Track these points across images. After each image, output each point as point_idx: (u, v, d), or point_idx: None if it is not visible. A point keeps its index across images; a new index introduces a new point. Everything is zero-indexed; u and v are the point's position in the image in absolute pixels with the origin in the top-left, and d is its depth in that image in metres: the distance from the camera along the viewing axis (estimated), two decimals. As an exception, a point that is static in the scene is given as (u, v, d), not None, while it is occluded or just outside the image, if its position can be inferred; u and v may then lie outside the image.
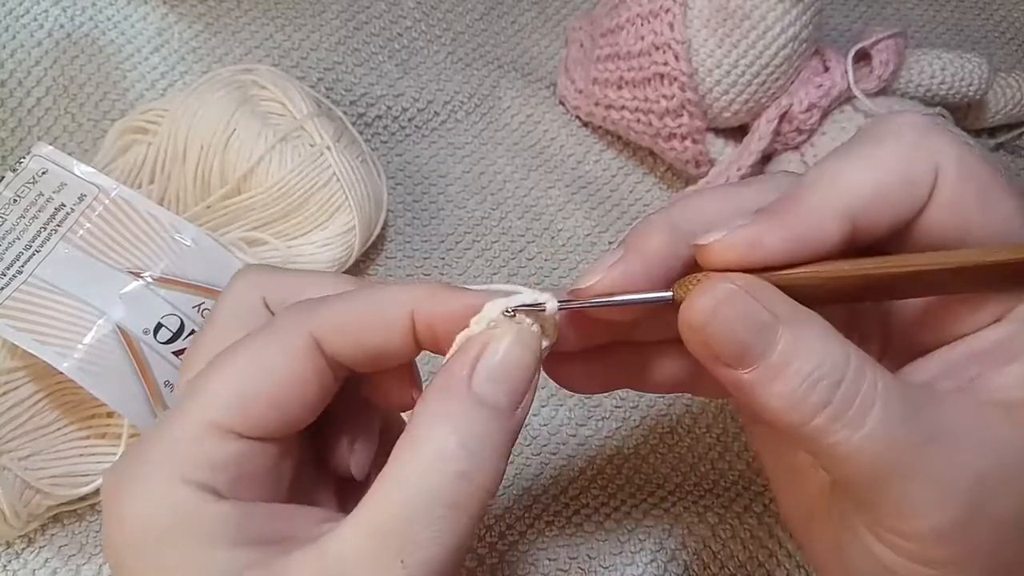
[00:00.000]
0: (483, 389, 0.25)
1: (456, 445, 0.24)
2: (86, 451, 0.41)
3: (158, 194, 0.44)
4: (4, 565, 0.41)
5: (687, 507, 0.45)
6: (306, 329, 0.26)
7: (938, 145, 0.26)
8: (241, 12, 0.56)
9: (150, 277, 0.40)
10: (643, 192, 0.56)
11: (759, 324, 0.24)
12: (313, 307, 0.27)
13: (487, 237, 0.52)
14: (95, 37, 0.53)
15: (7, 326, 0.38)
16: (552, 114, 0.57)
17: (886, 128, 0.27)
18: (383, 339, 0.27)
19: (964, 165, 0.26)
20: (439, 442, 0.24)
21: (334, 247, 0.46)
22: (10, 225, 0.40)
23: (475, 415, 0.24)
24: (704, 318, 0.25)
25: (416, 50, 0.57)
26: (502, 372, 0.25)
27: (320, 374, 0.26)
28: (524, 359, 0.26)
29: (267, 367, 0.26)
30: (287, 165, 0.44)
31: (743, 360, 0.24)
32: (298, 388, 0.26)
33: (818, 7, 0.48)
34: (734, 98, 0.49)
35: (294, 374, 0.26)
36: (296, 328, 0.26)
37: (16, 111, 0.51)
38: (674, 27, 0.48)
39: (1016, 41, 0.66)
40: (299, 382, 0.26)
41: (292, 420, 0.26)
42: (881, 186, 0.25)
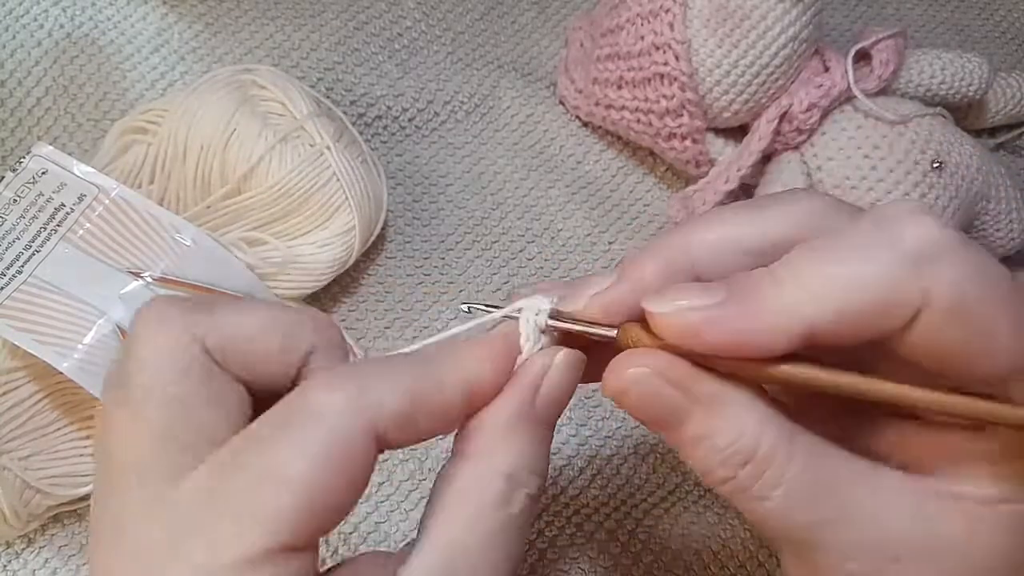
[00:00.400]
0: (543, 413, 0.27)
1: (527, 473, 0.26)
2: (86, 451, 0.41)
3: (158, 194, 0.44)
4: (4, 565, 0.41)
5: (687, 507, 0.45)
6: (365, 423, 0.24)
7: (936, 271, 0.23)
8: (241, 12, 0.56)
9: (150, 277, 0.40)
10: (643, 192, 0.56)
11: (666, 406, 0.25)
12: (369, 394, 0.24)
13: (487, 237, 0.52)
14: (95, 37, 0.53)
15: (7, 326, 0.38)
16: (552, 114, 0.57)
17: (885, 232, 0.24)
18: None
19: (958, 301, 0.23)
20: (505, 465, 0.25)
21: (334, 247, 0.46)
22: (10, 225, 0.40)
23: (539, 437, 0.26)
24: (617, 396, 0.26)
25: (416, 50, 0.57)
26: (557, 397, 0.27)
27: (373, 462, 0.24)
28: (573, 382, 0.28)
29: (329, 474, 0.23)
30: (287, 165, 0.44)
31: (659, 429, 0.26)
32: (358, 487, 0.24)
33: (818, 7, 0.48)
34: (734, 98, 0.49)
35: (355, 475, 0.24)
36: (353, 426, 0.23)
37: (16, 111, 0.51)
38: (674, 27, 0.48)
39: (1016, 41, 0.66)
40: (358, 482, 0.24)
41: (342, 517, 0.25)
42: (851, 305, 0.23)
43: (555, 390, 0.27)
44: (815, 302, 0.23)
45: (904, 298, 0.23)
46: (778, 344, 0.24)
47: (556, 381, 0.27)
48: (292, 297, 0.46)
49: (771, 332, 0.24)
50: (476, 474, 0.25)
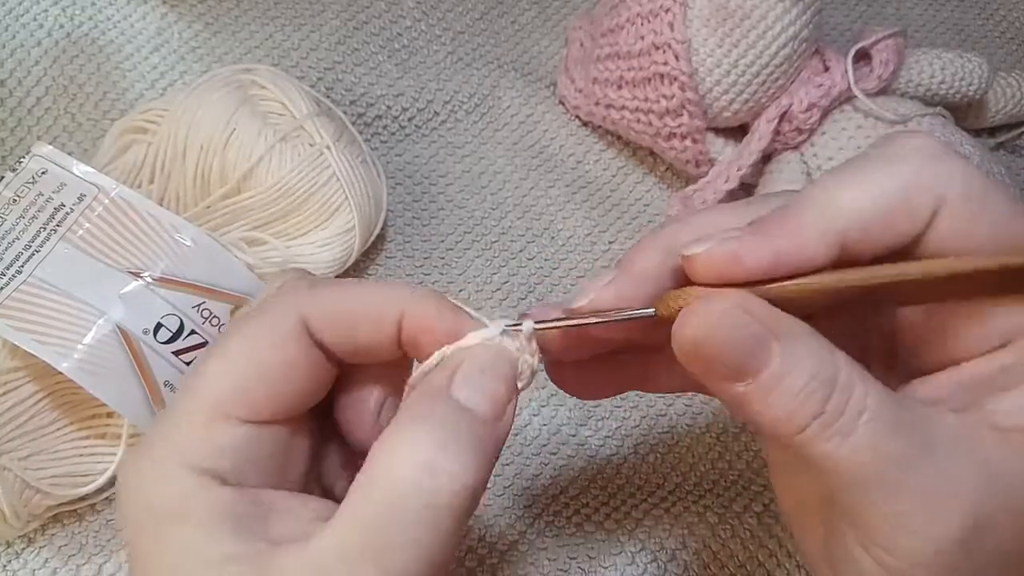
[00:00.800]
0: (461, 394, 0.25)
1: (432, 445, 0.24)
2: (86, 451, 0.41)
3: (158, 194, 0.44)
4: (4, 565, 0.41)
5: (687, 507, 0.45)
6: (296, 313, 0.26)
7: (945, 170, 0.25)
8: (241, 12, 0.56)
9: (150, 277, 0.40)
10: (643, 192, 0.56)
11: (754, 340, 0.24)
12: (305, 291, 0.27)
13: (487, 237, 0.52)
14: (95, 37, 0.53)
15: (7, 326, 0.38)
16: (552, 114, 0.57)
17: (893, 150, 0.26)
18: (370, 334, 0.27)
19: (971, 191, 0.25)
20: (415, 442, 0.24)
21: (334, 247, 0.46)
22: (10, 225, 0.40)
23: (452, 417, 0.25)
24: (700, 337, 0.25)
25: (416, 50, 0.57)
26: (481, 380, 0.26)
27: (310, 357, 0.26)
28: (502, 370, 0.26)
29: (258, 350, 0.26)
30: (287, 165, 0.44)
31: (739, 375, 0.25)
32: (290, 371, 0.26)
33: (818, 7, 0.48)
34: (734, 98, 0.49)
35: (285, 357, 0.26)
36: (286, 311, 0.26)
37: (16, 111, 0.51)
38: (674, 27, 0.48)
39: (1016, 41, 0.66)
40: (290, 365, 0.26)
41: (289, 403, 0.26)
42: (875, 213, 0.25)
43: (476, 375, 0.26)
44: (842, 215, 0.25)
45: (924, 196, 0.25)
46: (816, 257, 0.25)
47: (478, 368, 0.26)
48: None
49: (807, 246, 0.25)
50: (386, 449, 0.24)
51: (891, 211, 0.25)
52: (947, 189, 0.25)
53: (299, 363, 0.26)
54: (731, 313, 0.24)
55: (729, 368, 0.25)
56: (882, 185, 0.25)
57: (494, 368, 0.26)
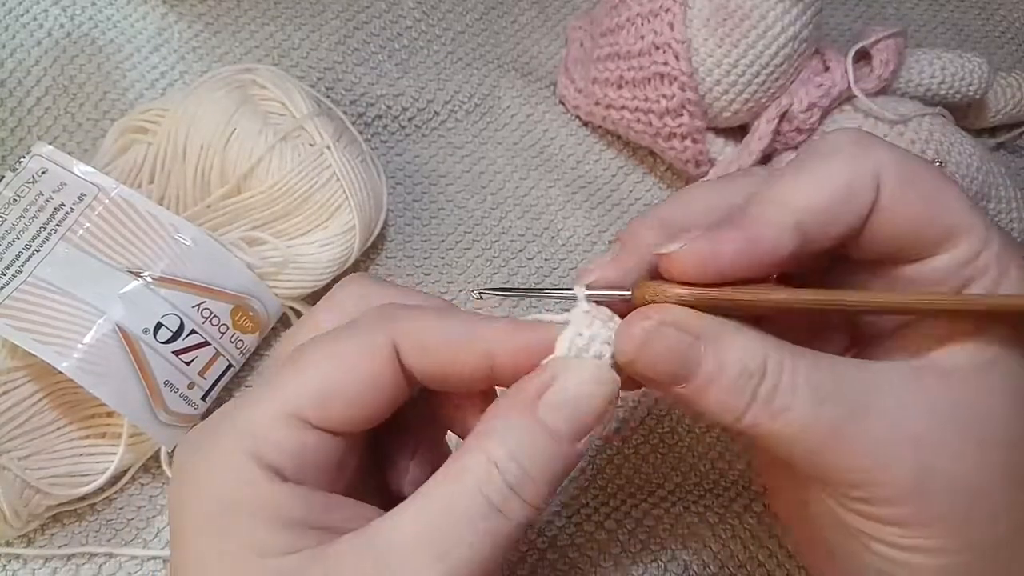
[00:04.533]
0: (547, 416, 0.26)
1: (507, 458, 0.25)
2: (86, 451, 0.41)
3: (158, 194, 0.44)
4: (4, 565, 0.41)
5: (687, 507, 0.45)
6: (388, 334, 0.27)
7: (876, 156, 0.28)
8: (241, 12, 0.56)
9: (150, 277, 0.40)
10: (643, 192, 0.56)
11: (682, 349, 0.27)
12: (398, 314, 0.28)
13: (487, 237, 0.52)
14: (95, 37, 0.53)
15: (7, 326, 0.38)
16: (552, 114, 0.57)
17: (827, 145, 0.29)
18: (458, 367, 0.28)
19: (903, 171, 0.28)
20: (496, 454, 0.25)
21: (334, 247, 0.46)
22: (10, 225, 0.40)
23: (535, 438, 0.26)
24: (632, 355, 0.27)
25: (416, 50, 0.57)
26: (570, 404, 0.27)
27: (395, 379, 0.28)
28: (594, 396, 0.27)
29: (348, 364, 0.27)
30: (287, 165, 0.44)
31: (675, 381, 0.27)
32: (374, 389, 0.27)
33: (818, 7, 0.48)
34: (734, 98, 0.49)
35: (372, 375, 0.27)
36: (379, 331, 0.27)
37: (16, 111, 0.51)
38: (674, 27, 0.48)
39: (1016, 41, 0.66)
40: (376, 383, 0.27)
41: (363, 418, 0.27)
42: (825, 200, 0.27)
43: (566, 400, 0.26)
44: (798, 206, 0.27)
45: (863, 178, 0.28)
46: (783, 247, 0.27)
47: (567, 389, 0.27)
48: (292, 297, 0.46)
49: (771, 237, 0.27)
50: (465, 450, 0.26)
51: (838, 199, 0.27)
52: (882, 172, 0.28)
53: (381, 384, 0.27)
54: (656, 331, 0.27)
55: (665, 377, 0.27)
56: (826, 178, 0.28)
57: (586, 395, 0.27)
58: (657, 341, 0.27)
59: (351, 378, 0.27)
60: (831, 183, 0.28)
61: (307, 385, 0.27)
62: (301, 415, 0.26)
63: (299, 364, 0.27)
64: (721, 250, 0.27)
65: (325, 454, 0.27)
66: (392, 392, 0.28)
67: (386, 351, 0.27)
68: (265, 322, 0.45)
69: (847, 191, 0.28)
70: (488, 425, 0.26)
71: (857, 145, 0.28)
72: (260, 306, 0.44)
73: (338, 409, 0.27)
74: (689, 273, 0.27)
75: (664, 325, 0.27)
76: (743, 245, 0.27)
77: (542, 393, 0.26)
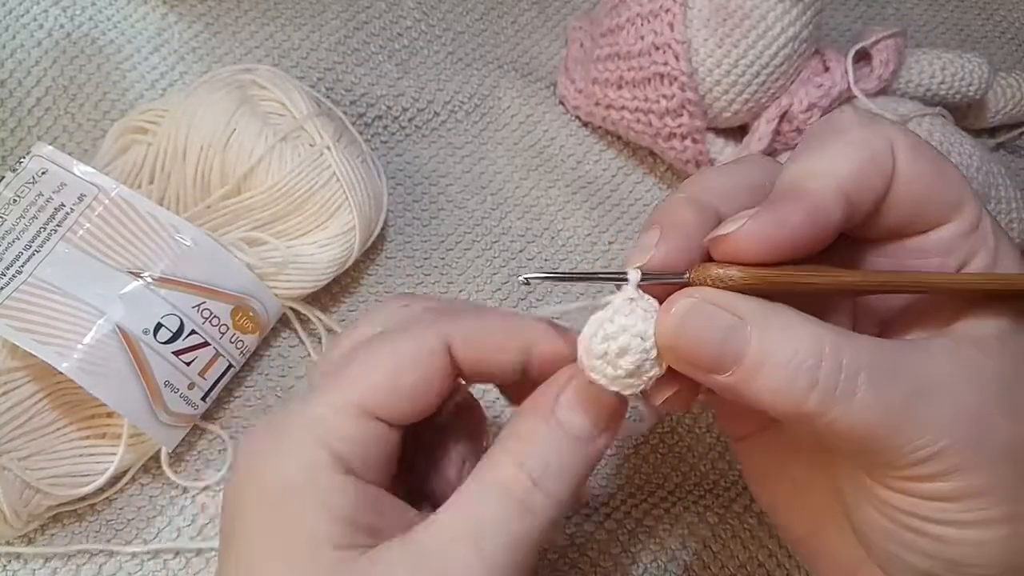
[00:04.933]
0: (564, 415, 0.28)
1: (532, 460, 0.27)
2: (86, 451, 0.41)
3: (158, 194, 0.44)
4: (4, 565, 0.41)
5: (687, 507, 0.45)
6: (442, 332, 0.29)
7: (885, 128, 0.28)
8: (241, 12, 0.56)
9: (150, 277, 0.40)
10: (643, 192, 0.56)
11: (726, 330, 0.26)
12: (447, 315, 0.31)
13: (487, 237, 0.52)
14: (95, 37, 0.53)
15: (7, 326, 0.38)
16: (552, 114, 0.57)
17: (836, 123, 0.29)
18: (497, 360, 0.30)
19: (911, 142, 0.28)
20: (520, 455, 0.27)
21: (334, 247, 0.46)
22: (10, 225, 0.40)
23: (553, 437, 0.28)
24: (673, 335, 0.26)
25: (416, 50, 0.57)
26: (583, 402, 0.28)
27: (448, 372, 0.30)
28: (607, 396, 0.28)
29: (410, 360, 0.29)
30: (287, 165, 0.44)
31: (720, 366, 0.26)
32: (429, 382, 0.29)
33: (818, 7, 0.48)
34: (734, 98, 0.49)
35: (431, 368, 0.29)
36: (434, 329, 0.30)
37: (16, 111, 0.51)
38: (674, 27, 0.48)
39: (1016, 41, 0.66)
40: (430, 378, 0.29)
41: (417, 411, 0.29)
42: (857, 167, 0.27)
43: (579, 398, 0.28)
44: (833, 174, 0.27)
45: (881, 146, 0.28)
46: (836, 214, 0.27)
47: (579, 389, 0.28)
48: (292, 297, 0.46)
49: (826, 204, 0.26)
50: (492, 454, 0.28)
51: (869, 167, 0.27)
52: (895, 143, 0.28)
53: (437, 377, 0.29)
54: (697, 307, 0.26)
55: (709, 362, 0.26)
56: (852, 149, 0.28)
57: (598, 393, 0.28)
58: (699, 322, 0.26)
59: (414, 372, 0.29)
60: (858, 153, 0.28)
61: (374, 379, 0.28)
62: (368, 408, 0.28)
63: (364, 360, 0.29)
64: (788, 222, 0.26)
65: (384, 446, 0.29)
66: (444, 385, 0.30)
67: (441, 347, 0.29)
68: (265, 322, 0.45)
69: (872, 159, 0.27)
70: (511, 429, 0.28)
71: (866, 119, 0.29)
72: (260, 306, 0.44)
73: (401, 401, 0.28)
74: (753, 251, 0.26)
75: (706, 304, 0.26)
76: (807, 216, 0.26)
77: (559, 394, 0.28)
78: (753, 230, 0.26)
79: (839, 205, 0.27)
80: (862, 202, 0.28)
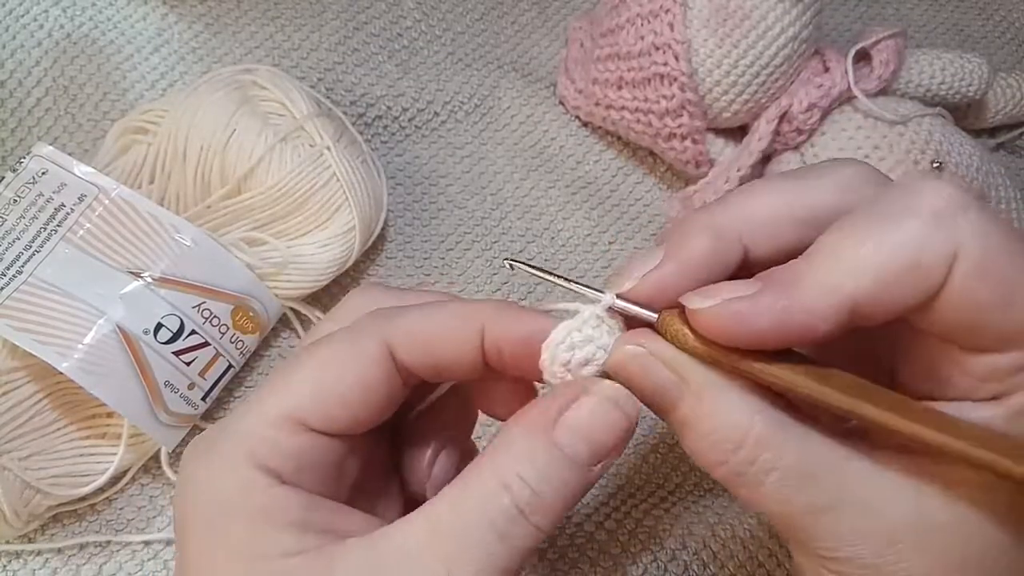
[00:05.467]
0: (565, 439, 0.26)
1: (521, 483, 0.25)
2: (86, 451, 0.41)
3: (158, 194, 0.44)
4: (4, 565, 0.41)
5: (687, 507, 0.45)
6: (382, 336, 0.28)
7: (960, 229, 0.24)
8: (241, 12, 0.56)
9: (150, 277, 0.40)
10: (643, 192, 0.56)
11: (661, 383, 0.26)
12: (390, 315, 0.28)
13: (487, 237, 0.52)
14: (95, 37, 0.53)
15: (7, 326, 0.38)
16: (552, 114, 0.57)
17: (906, 200, 0.24)
18: (451, 352, 0.28)
19: (984, 255, 0.24)
20: (507, 475, 0.25)
21: (334, 247, 0.46)
22: (10, 225, 0.40)
23: (550, 461, 0.25)
24: (617, 370, 0.27)
25: (416, 50, 0.57)
26: (587, 429, 0.26)
27: (390, 380, 0.28)
28: (615, 421, 0.26)
29: (342, 368, 0.27)
30: (287, 165, 0.44)
31: (657, 409, 0.27)
32: (368, 391, 0.27)
33: (818, 7, 0.48)
34: (734, 98, 0.49)
35: (366, 377, 0.27)
36: (373, 334, 0.28)
37: (16, 111, 0.51)
38: (674, 27, 0.48)
39: (1016, 41, 0.66)
40: (369, 385, 0.27)
41: (359, 420, 0.28)
42: (887, 273, 0.24)
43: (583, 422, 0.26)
44: (854, 274, 0.24)
45: (936, 256, 0.24)
46: (824, 323, 0.24)
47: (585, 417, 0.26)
48: (292, 297, 0.46)
49: (815, 311, 0.24)
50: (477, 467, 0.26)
51: (900, 273, 0.24)
52: (960, 251, 0.23)
53: (378, 385, 0.27)
54: (639, 357, 0.26)
55: (647, 402, 0.27)
56: (893, 243, 0.24)
57: (608, 420, 0.26)
58: (639, 369, 0.26)
59: (344, 380, 0.27)
60: (898, 252, 0.24)
61: (301, 388, 0.27)
62: (297, 418, 0.26)
63: (293, 368, 0.27)
64: (759, 316, 0.24)
65: (324, 456, 0.27)
66: (387, 393, 0.28)
67: (377, 352, 0.27)
68: (265, 323, 0.45)
69: (914, 267, 0.24)
70: (504, 441, 0.26)
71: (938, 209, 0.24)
72: (260, 307, 0.44)
73: (333, 411, 0.27)
74: (714, 335, 0.25)
75: (650, 356, 0.26)
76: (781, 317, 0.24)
77: (562, 413, 0.26)
78: (715, 317, 0.25)
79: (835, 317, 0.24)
80: (875, 314, 0.24)
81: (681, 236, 0.27)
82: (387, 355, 0.28)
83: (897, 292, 0.24)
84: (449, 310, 0.28)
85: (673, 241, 0.27)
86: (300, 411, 0.27)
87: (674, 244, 0.27)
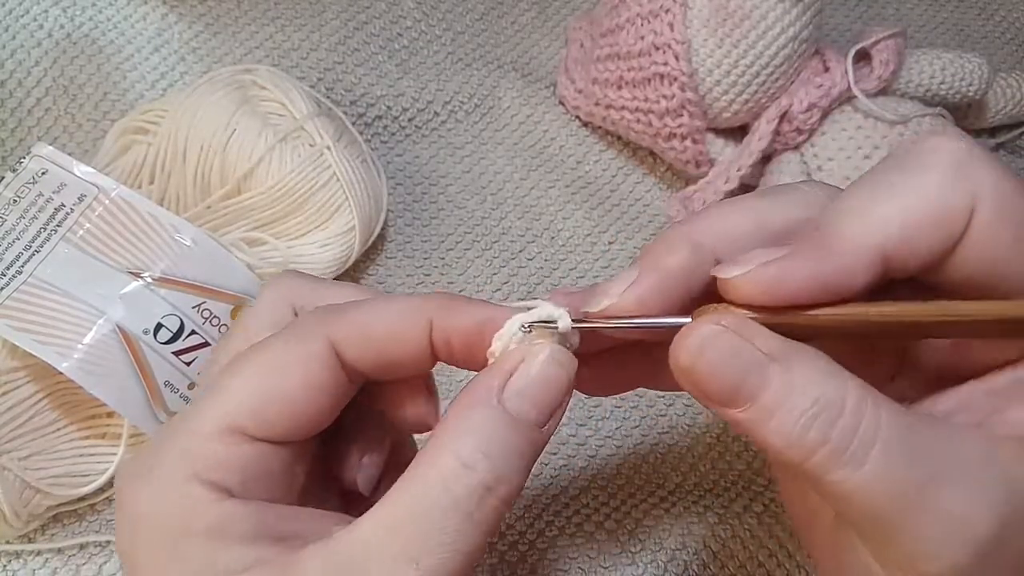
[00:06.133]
0: (513, 404, 0.25)
1: (481, 457, 0.24)
2: (86, 451, 0.41)
3: (158, 194, 0.44)
4: (4, 565, 0.41)
5: (687, 507, 0.45)
6: (324, 335, 0.26)
7: (976, 176, 0.24)
8: (241, 12, 0.56)
9: (150, 277, 0.40)
10: (643, 192, 0.56)
11: (748, 363, 0.24)
12: (333, 313, 0.27)
13: (487, 237, 0.52)
14: (95, 37, 0.53)
15: (7, 326, 0.38)
16: (552, 114, 0.57)
17: (922, 154, 0.25)
18: (400, 348, 0.27)
19: (1002, 200, 0.24)
20: (464, 451, 0.24)
21: (334, 247, 0.46)
22: (10, 225, 0.40)
23: (502, 428, 0.24)
24: (690, 360, 0.24)
25: (416, 50, 0.57)
26: (534, 388, 0.25)
27: (335, 380, 0.27)
28: (558, 377, 0.26)
29: (284, 371, 0.26)
30: (287, 165, 0.44)
31: (734, 402, 0.24)
32: (313, 393, 0.26)
33: (818, 7, 0.48)
34: (734, 98, 0.49)
35: (310, 379, 0.26)
36: (315, 333, 0.26)
37: (16, 111, 0.51)
38: (674, 27, 0.48)
39: (1016, 41, 0.66)
40: (314, 387, 0.26)
41: (306, 425, 0.26)
42: (914, 222, 0.24)
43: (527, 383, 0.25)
44: (883, 227, 0.24)
45: (958, 201, 0.24)
46: (858, 276, 0.24)
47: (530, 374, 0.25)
48: (292, 297, 0.46)
49: (849, 267, 0.24)
50: (430, 450, 0.24)
51: (927, 221, 0.24)
52: (979, 197, 0.24)
53: (322, 387, 0.26)
54: (723, 336, 0.24)
55: (722, 395, 0.24)
56: (916, 193, 0.24)
57: (548, 378, 0.26)
58: (720, 351, 0.24)
59: (287, 385, 0.26)
60: (921, 202, 0.24)
61: (242, 397, 0.26)
62: (239, 428, 0.25)
63: (233, 376, 0.26)
64: (795, 275, 0.24)
65: (271, 465, 0.26)
66: (333, 394, 0.27)
67: (322, 353, 0.26)
68: (265, 322, 0.45)
69: (940, 213, 0.24)
70: (452, 420, 0.25)
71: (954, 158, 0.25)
72: (260, 306, 0.44)
73: (277, 418, 0.26)
74: (759, 297, 0.24)
75: (732, 333, 0.24)
76: (816, 272, 0.24)
77: (505, 382, 0.25)
78: (751, 281, 0.24)
79: (867, 265, 0.24)
80: (905, 262, 0.24)
81: (656, 252, 0.26)
82: (332, 354, 0.26)
83: (924, 240, 0.24)
84: (396, 305, 0.27)
85: (648, 257, 0.26)
86: (242, 421, 0.25)
87: (649, 260, 0.26)
